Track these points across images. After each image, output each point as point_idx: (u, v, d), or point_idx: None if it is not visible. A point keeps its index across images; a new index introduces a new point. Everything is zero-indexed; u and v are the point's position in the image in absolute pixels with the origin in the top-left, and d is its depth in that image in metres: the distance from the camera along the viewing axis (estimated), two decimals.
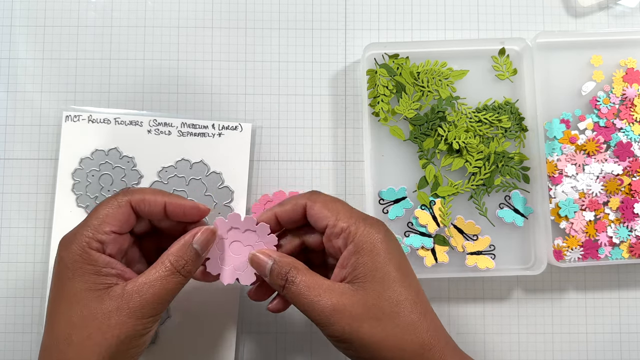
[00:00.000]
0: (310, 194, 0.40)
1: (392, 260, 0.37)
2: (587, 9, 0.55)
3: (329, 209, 0.38)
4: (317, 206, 0.39)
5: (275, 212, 0.40)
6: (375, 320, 0.35)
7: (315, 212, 0.39)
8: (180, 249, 0.38)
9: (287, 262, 0.38)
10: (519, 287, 0.53)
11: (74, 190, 0.50)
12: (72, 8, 0.53)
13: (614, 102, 0.52)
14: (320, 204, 0.39)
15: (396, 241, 0.39)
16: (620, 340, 0.52)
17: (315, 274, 0.38)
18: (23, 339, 0.51)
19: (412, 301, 0.36)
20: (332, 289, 0.36)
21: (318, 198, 0.39)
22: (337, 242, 0.38)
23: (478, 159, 0.51)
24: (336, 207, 0.38)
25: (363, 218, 0.38)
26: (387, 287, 0.36)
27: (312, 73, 0.54)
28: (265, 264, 0.38)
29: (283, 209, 0.40)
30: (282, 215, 0.40)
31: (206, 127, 0.51)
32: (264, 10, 0.54)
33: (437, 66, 0.52)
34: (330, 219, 0.38)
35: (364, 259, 0.36)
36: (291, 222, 0.41)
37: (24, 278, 0.51)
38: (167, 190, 0.51)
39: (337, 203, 0.39)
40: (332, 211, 0.38)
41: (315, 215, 0.39)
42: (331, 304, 0.36)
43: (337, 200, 0.39)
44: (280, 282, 0.38)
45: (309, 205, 0.39)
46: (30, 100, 0.52)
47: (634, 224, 0.51)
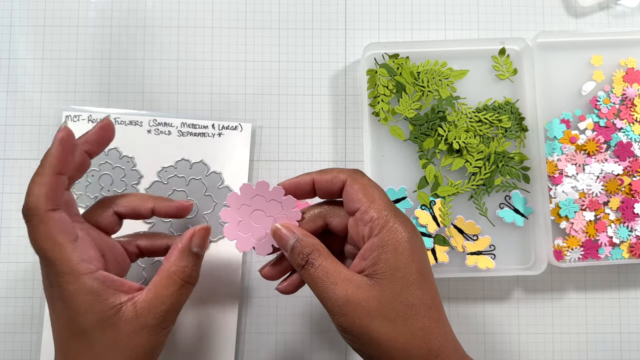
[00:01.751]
0: (354, 171, 0.39)
1: (414, 262, 0.36)
2: (587, 9, 0.55)
3: (366, 193, 0.37)
4: (356, 187, 0.37)
5: (313, 177, 0.39)
6: (387, 320, 0.35)
7: (352, 192, 0.37)
8: (181, 258, 0.38)
9: (310, 242, 0.37)
10: (519, 287, 0.53)
11: (74, 190, 0.50)
12: (72, 8, 0.53)
13: (614, 102, 0.52)
14: (360, 185, 0.37)
15: (422, 243, 0.38)
16: (620, 340, 0.52)
17: (336, 260, 0.37)
18: (23, 339, 0.51)
19: (427, 306, 0.36)
20: (350, 279, 0.36)
21: (360, 179, 0.38)
22: (363, 229, 0.37)
23: (478, 159, 0.51)
24: (373, 195, 0.37)
25: (395, 213, 0.37)
26: (405, 289, 0.35)
27: (312, 73, 0.54)
28: (287, 239, 0.38)
29: (322, 177, 0.39)
30: (320, 182, 0.39)
31: (206, 127, 0.51)
32: (264, 10, 0.54)
33: (437, 66, 0.52)
34: (364, 204, 0.37)
35: (387, 255, 0.36)
36: (326, 192, 0.39)
37: (23, 278, 0.51)
38: (167, 190, 0.51)
39: (375, 190, 0.37)
40: (368, 197, 0.37)
41: (351, 195, 0.37)
42: (345, 295, 0.35)
43: (376, 187, 0.38)
44: (300, 262, 0.37)
45: (349, 182, 0.38)
46: (30, 100, 0.52)
47: (634, 224, 0.51)
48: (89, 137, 0.38)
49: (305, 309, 0.51)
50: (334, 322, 0.36)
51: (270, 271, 0.41)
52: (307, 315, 0.51)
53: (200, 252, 0.38)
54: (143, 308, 0.36)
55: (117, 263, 0.40)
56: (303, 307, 0.51)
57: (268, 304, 0.51)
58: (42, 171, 0.35)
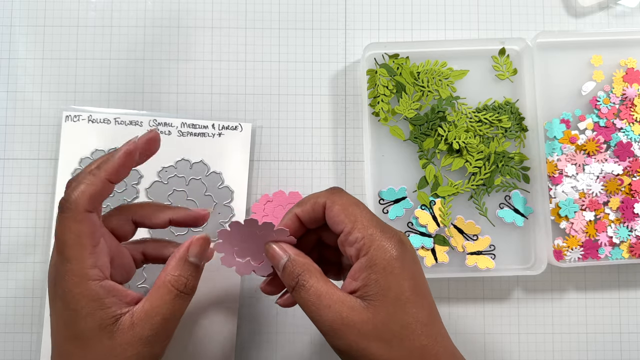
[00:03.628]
0: (331, 192, 0.38)
1: (405, 279, 0.35)
2: (587, 9, 0.55)
3: (347, 213, 0.36)
4: (336, 209, 0.36)
5: (295, 212, 0.38)
6: (383, 342, 0.34)
7: (333, 215, 0.37)
8: (177, 267, 0.37)
9: (301, 262, 0.36)
10: (519, 287, 0.53)
11: None
12: (72, 8, 0.53)
13: (614, 102, 0.52)
14: (339, 206, 0.36)
15: (413, 256, 0.36)
16: (620, 340, 0.52)
17: (328, 281, 0.36)
18: (23, 339, 0.51)
19: (423, 323, 0.35)
20: (343, 301, 0.35)
21: (338, 199, 0.37)
22: (350, 250, 0.36)
23: (478, 159, 0.51)
24: (354, 213, 0.36)
25: (381, 229, 0.36)
26: (399, 309, 0.34)
27: (312, 73, 0.54)
28: (280, 258, 0.37)
29: (303, 209, 0.38)
30: (303, 216, 0.38)
31: (206, 127, 0.51)
32: (264, 10, 0.54)
33: (437, 66, 0.52)
34: (346, 225, 0.36)
35: (376, 276, 0.34)
36: (313, 222, 0.38)
37: (24, 278, 0.51)
38: (167, 190, 0.51)
39: (356, 208, 0.36)
40: (349, 217, 0.36)
41: (332, 217, 0.37)
42: (340, 318, 0.34)
43: (358, 204, 0.37)
44: (291, 283, 0.36)
45: (328, 205, 0.37)
46: (30, 100, 0.52)
47: (634, 224, 0.51)
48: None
49: None
50: (329, 343, 0.36)
51: (269, 287, 0.40)
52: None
53: (197, 261, 0.37)
54: (139, 318, 0.35)
55: (124, 269, 0.40)
56: None
57: (268, 304, 0.51)
58: (96, 172, 0.36)
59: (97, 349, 0.35)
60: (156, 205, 0.41)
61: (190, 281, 0.37)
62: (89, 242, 0.35)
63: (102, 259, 0.36)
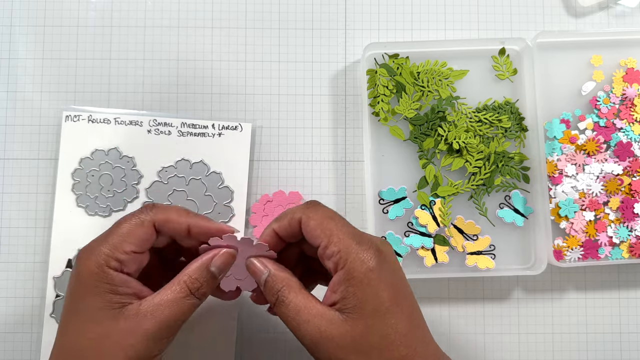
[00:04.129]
0: (307, 207, 0.38)
1: (383, 290, 0.35)
2: (587, 9, 0.55)
3: (323, 228, 0.36)
4: (312, 224, 0.37)
5: (273, 227, 0.39)
6: (362, 354, 0.34)
7: (309, 230, 0.37)
8: (197, 271, 0.37)
9: (281, 277, 0.37)
10: (519, 287, 0.53)
11: (74, 190, 0.50)
12: (72, 8, 0.53)
13: (614, 102, 0.52)
14: (315, 222, 0.36)
15: (393, 264, 0.36)
16: (620, 340, 0.52)
17: (308, 295, 0.36)
18: (23, 339, 0.51)
19: (402, 334, 0.35)
20: (322, 314, 0.35)
21: (313, 214, 0.37)
22: (328, 263, 0.36)
23: (478, 159, 0.51)
24: (330, 228, 0.36)
25: (357, 241, 0.36)
26: (378, 320, 0.34)
27: (312, 73, 0.54)
28: (261, 273, 0.37)
29: (280, 224, 0.38)
30: (280, 231, 0.38)
31: (206, 127, 0.51)
32: (264, 10, 0.54)
33: (437, 66, 0.52)
34: (322, 239, 0.36)
35: (354, 289, 0.34)
36: (291, 236, 0.39)
37: (23, 278, 0.51)
38: (167, 190, 0.51)
39: (332, 222, 0.36)
40: (325, 231, 0.36)
41: (309, 233, 0.37)
42: (319, 332, 0.34)
43: (333, 217, 0.37)
44: (272, 299, 0.37)
45: (304, 220, 0.37)
46: (31, 100, 0.52)
47: (634, 224, 0.51)
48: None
49: None
50: (312, 356, 0.36)
51: (259, 297, 0.40)
52: None
53: (217, 272, 0.37)
54: (146, 309, 0.35)
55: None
56: None
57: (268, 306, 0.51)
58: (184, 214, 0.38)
59: (97, 329, 0.35)
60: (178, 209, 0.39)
61: (204, 287, 0.37)
62: (135, 243, 0.36)
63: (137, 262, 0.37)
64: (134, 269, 0.37)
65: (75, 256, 0.37)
